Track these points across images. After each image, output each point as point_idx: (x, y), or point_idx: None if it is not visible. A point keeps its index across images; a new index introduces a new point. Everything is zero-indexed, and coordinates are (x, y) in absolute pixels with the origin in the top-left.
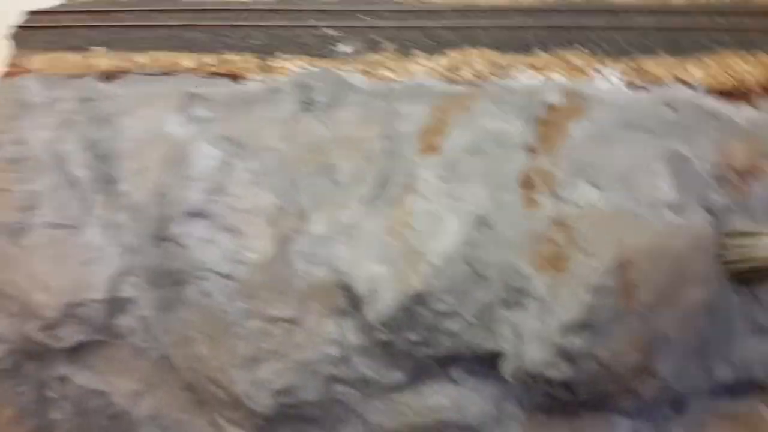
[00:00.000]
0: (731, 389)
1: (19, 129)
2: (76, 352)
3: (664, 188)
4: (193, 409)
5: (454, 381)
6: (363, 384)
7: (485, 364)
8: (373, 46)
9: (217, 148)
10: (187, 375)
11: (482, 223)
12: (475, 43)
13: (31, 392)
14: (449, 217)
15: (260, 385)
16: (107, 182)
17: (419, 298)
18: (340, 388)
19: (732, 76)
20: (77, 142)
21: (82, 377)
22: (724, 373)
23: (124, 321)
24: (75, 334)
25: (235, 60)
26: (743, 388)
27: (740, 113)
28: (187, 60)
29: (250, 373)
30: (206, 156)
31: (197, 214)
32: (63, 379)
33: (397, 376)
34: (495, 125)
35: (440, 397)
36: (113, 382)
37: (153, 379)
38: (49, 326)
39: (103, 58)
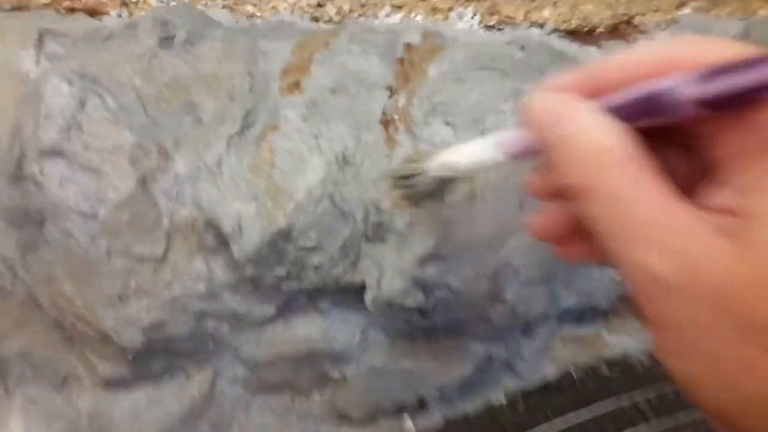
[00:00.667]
0: (576, 315)
1: None
2: None
3: (511, 126)
4: (63, 346)
5: (321, 312)
6: (234, 318)
7: (350, 295)
8: None
9: (71, 84)
10: (53, 313)
11: (344, 161)
12: None
13: None
14: (312, 155)
15: (128, 321)
16: None
17: (284, 234)
18: (210, 323)
19: (579, 18)
20: None
21: None
22: (568, 300)
23: None
24: None
25: None
26: (587, 314)
27: (585, 53)
28: None
29: (117, 311)
30: (59, 93)
31: (54, 153)
32: None
33: (266, 309)
34: (356, 64)
35: (309, 327)
36: None
37: (21, 318)
38: None
39: None
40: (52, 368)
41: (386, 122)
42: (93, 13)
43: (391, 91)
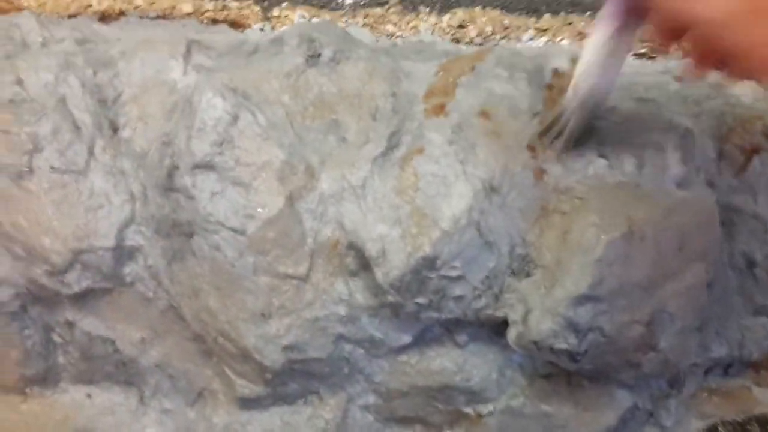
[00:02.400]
0: (725, 366)
1: (17, 69)
2: (83, 297)
3: (670, 162)
4: (200, 359)
5: (458, 345)
6: (370, 344)
7: (490, 330)
8: (378, 0)
9: (224, 99)
10: (195, 326)
11: (491, 188)
12: (480, 1)
13: (37, 335)
14: (457, 180)
15: (269, 339)
16: (109, 128)
17: (428, 262)
18: (347, 346)
19: None
20: (79, 86)
21: (89, 323)
22: (719, 350)
23: (132, 269)
24: (82, 281)
25: (235, 7)
26: (736, 365)
27: (746, 90)
28: (185, 5)
29: (259, 328)
30: (213, 107)
31: (206, 167)
32: (69, 324)
33: (403, 337)
34: (503, 89)
35: (444, 360)
36: (120, 329)
37: (160, 328)
38: (57, 272)
39: None
40: (187, 381)
41: (534, 149)
42: (235, 25)
43: (538, 117)
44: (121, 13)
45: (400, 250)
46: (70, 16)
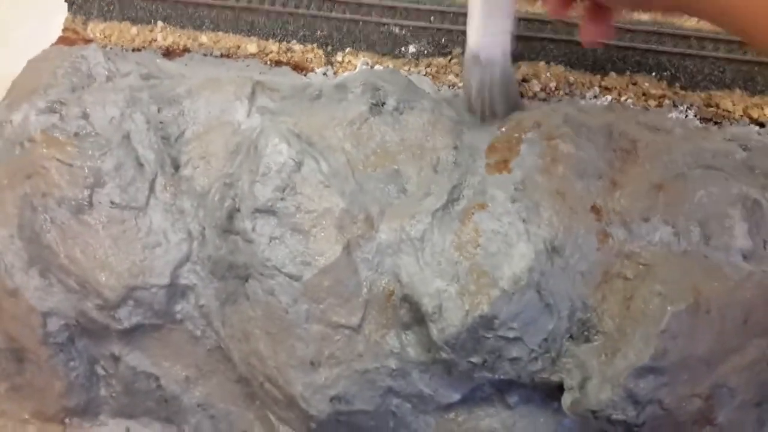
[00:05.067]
0: None
1: (84, 102)
2: (131, 332)
3: (738, 233)
4: (243, 401)
5: (509, 406)
6: (418, 399)
7: (542, 393)
8: (441, 49)
9: (290, 145)
10: (242, 369)
11: (553, 249)
12: (544, 56)
13: (82, 367)
14: (519, 240)
15: (317, 388)
16: (171, 166)
17: (486, 322)
18: (395, 400)
19: None
20: (143, 122)
21: (134, 358)
22: None
23: (182, 307)
24: (133, 317)
25: (299, 50)
26: None
27: None
28: (250, 45)
29: (307, 376)
30: (279, 152)
31: (267, 211)
32: (115, 358)
33: (453, 395)
34: (569, 148)
35: (493, 420)
36: (165, 366)
37: (206, 367)
38: (109, 307)
39: (163, 34)
40: (228, 423)
41: (599, 212)
42: (298, 68)
43: (606, 180)
44: (186, 50)
45: (458, 307)
46: (135, 50)
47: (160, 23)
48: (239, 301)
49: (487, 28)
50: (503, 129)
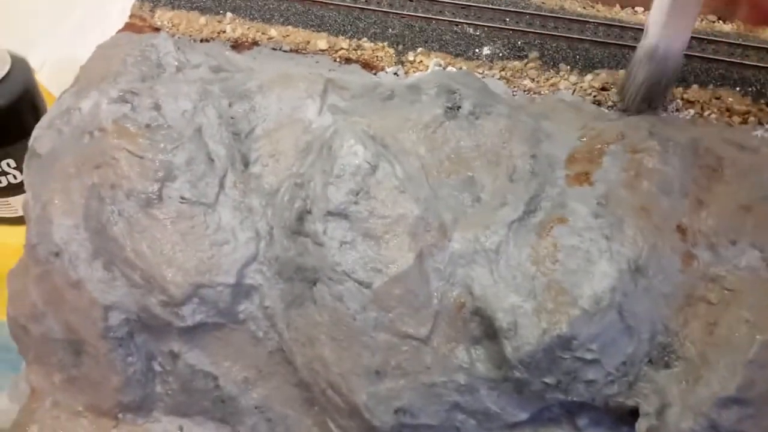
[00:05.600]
0: None
1: (155, 93)
2: (192, 330)
3: None
4: (302, 406)
5: (577, 428)
6: (484, 416)
7: (614, 416)
8: (517, 53)
9: (366, 147)
10: (304, 373)
11: (636, 269)
12: (624, 64)
13: (139, 363)
14: (602, 258)
15: (382, 399)
16: (241, 162)
17: (564, 342)
18: (460, 416)
19: None
20: (215, 117)
21: (194, 356)
22: None
23: (246, 308)
24: (197, 315)
25: (370, 48)
26: None
27: None
28: (320, 40)
29: (372, 386)
30: (354, 154)
31: (339, 215)
32: (173, 355)
33: (521, 414)
34: (655, 163)
35: None
36: (225, 366)
37: (266, 369)
38: (173, 303)
39: (232, 25)
40: (285, 427)
41: (684, 232)
42: (368, 66)
43: (692, 200)
44: (254, 43)
45: (534, 325)
46: (203, 40)
47: (229, 14)
48: (305, 305)
49: (671, 23)
50: (584, 139)
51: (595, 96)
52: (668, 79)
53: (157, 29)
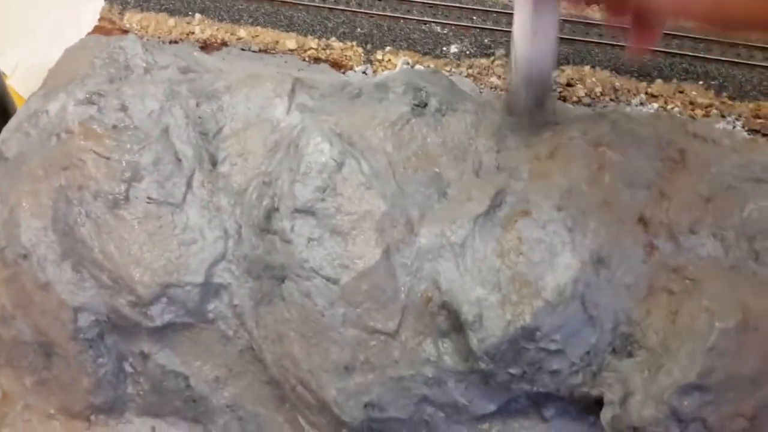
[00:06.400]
0: None
1: (122, 94)
2: (162, 330)
3: None
4: (273, 404)
5: (544, 419)
6: (452, 409)
7: (580, 406)
8: (484, 50)
9: (332, 144)
10: (274, 371)
11: (599, 261)
12: (590, 60)
13: (109, 364)
14: (564, 249)
15: (350, 394)
16: (208, 162)
17: (528, 333)
18: (429, 409)
19: None
20: (183, 117)
21: (164, 356)
22: None
23: (215, 306)
24: (165, 315)
25: (338, 47)
26: None
27: None
28: (288, 40)
29: (341, 381)
30: (320, 152)
31: (306, 212)
32: (144, 356)
33: (488, 405)
34: (616, 156)
35: None
36: (195, 365)
37: (236, 368)
38: (141, 303)
39: (201, 26)
40: (257, 425)
41: (645, 224)
42: (337, 65)
43: (654, 192)
44: (223, 44)
45: (499, 317)
46: (172, 42)
47: (198, 15)
48: (274, 302)
49: (537, 31)
50: (548, 135)
51: (561, 92)
52: (544, 88)
53: (126, 31)
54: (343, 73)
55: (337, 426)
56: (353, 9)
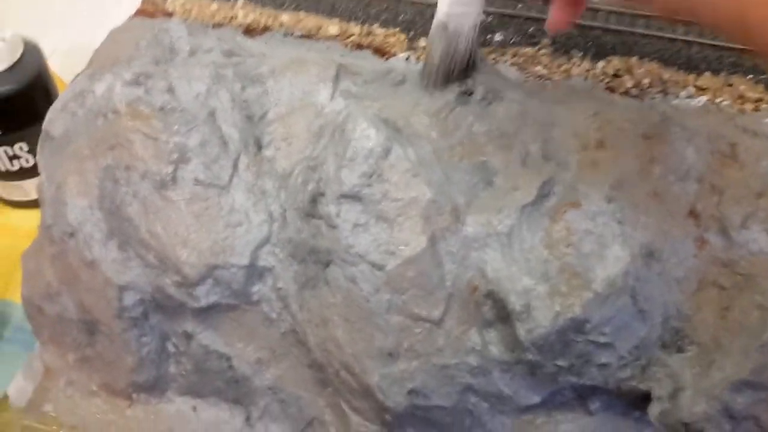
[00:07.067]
0: None
1: (169, 76)
2: (206, 311)
3: None
4: (315, 387)
5: (589, 412)
6: (497, 399)
7: (627, 401)
8: (529, 39)
9: (378, 130)
10: (318, 354)
11: (649, 254)
12: (637, 51)
13: (153, 343)
14: (614, 242)
15: (394, 380)
16: (254, 145)
17: (577, 325)
18: (473, 398)
19: None
20: (229, 100)
21: (207, 337)
22: None
23: (259, 289)
24: (211, 295)
25: (381, 33)
26: None
27: None
28: (331, 26)
29: (385, 367)
30: (367, 137)
31: (353, 197)
32: (187, 336)
33: (533, 397)
34: (667, 149)
35: (572, 426)
36: (238, 347)
37: (279, 350)
38: (187, 284)
39: (244, 10)
40: (298, 408)
41: (696, 217)
42: (379, 52)
43: (705, 185)
44: (266, 28)
45: (547, 307)
46: (215, 26)
47: (240, 0)
48: (319, 286)
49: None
50: (597, 125)
51: (608, 82)
52: (461, 55)
53: (169, 15)
54: (386, 59)
55: (380, 412)
56: None
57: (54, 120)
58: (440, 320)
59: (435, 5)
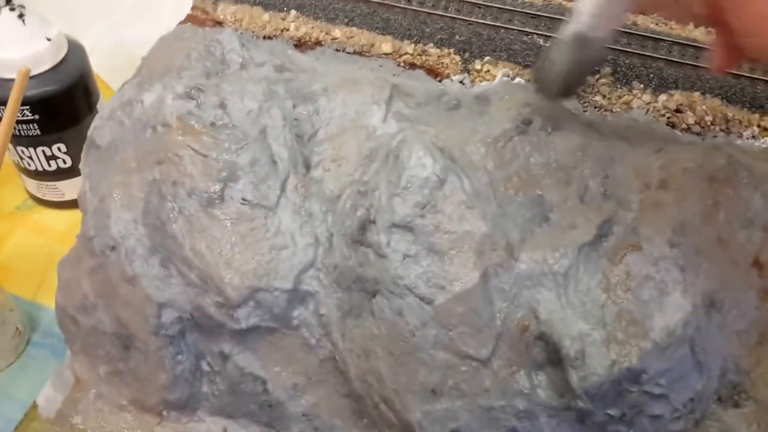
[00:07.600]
0: None
1: (221, 91)
2: (244, 332)
3: None
4: (350, 417)
5: None
6: None
7: None
8: None
9: (434, 159)
10: (357, 385)
11: (711, 304)
12: (700, 86)
13: (188, 362)
14: (675, 289)
15: (436, 419)
16: (303, 165)
17: (633, 375)
18: None
19: None
20: (280, 118)
21: (244, 359)
22: None
23: (300, 313)
24: (252, 318)
25: (435, 54)
26: None
27: None
28: (384, 44)
29: (427, 404)
30: (422, 166)
31: (404, 227)
32: (223, 356)
33: None
34: (733, 194)
35: None
36: (274, 370)
37: (316, 377)
38: (229, 305)
39: (296, 23)
40: None
41: (761, 267)
42: (432, 72)
43: None
44: (318, 43)
45: (603, 355)
46: (266, 37)
47: (293, 12)
48: (363, 316)
49: (602, 11)
50: (659, 162)
51: (669, 117)
52: (591, 68)
53: (219, 23)
54: (440, 81)
55: None
56: (452, 15)
57: (100, 128)
58: (488, 360)
59: (491, 26)
